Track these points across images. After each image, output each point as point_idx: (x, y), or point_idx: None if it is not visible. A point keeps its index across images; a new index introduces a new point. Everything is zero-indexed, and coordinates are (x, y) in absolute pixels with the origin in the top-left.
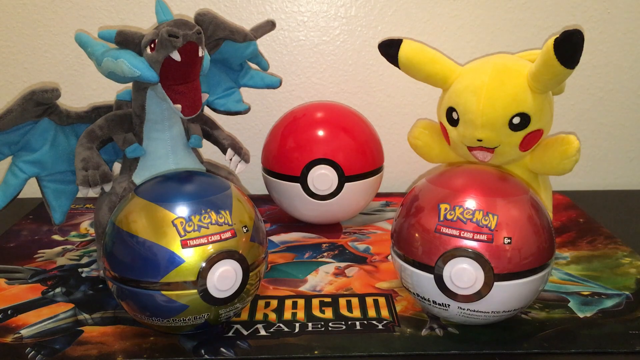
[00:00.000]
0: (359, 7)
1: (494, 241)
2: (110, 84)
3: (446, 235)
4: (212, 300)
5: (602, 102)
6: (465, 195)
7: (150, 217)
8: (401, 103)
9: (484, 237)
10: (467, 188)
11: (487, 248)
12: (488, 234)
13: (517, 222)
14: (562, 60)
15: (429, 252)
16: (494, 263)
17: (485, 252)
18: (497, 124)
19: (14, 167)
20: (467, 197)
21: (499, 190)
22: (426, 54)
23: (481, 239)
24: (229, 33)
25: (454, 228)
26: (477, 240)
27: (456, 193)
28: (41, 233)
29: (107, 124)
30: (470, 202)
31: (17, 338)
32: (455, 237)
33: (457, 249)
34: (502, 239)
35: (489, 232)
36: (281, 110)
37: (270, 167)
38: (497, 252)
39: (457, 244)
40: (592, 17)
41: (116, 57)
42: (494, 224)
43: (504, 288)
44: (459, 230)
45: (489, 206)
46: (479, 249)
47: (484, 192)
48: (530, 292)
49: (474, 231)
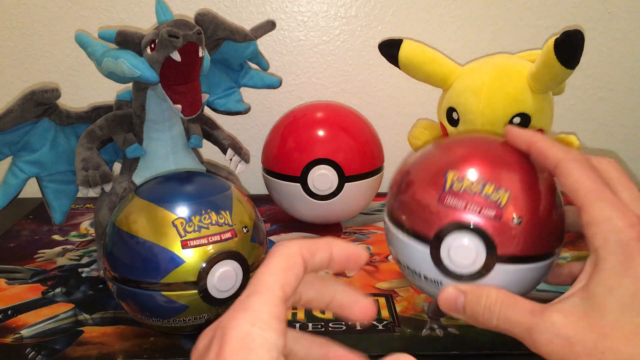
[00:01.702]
0: (359, 7)
1: (502, 218)
2: (110, 84)
3: (450, 207)
4: (212, 300)
5: (602, 102)
6: (476, 165)
7: (150, 217)
8: (401, 103)
9: (492, 213)
10: (478, 158)
11: (493, 225)
12: (497, 210)
13: (530, 201)
14: (562, 61)
15: (428, 223)
16: (499, 243)
17: (491, 230)
18: (497, 124)
19: (14, 167)
20: (478, 167)
21: (514, 165)
22: (426, 54)
23: (488, 215)
24: (229, 33)
25: (460, 199)
26: (483, 217)
27: (466, 162)
28: (41, 233)
29: (107, 124)
30: (480, 173)
31: (17, 338)
32: (460, 209)
33: (459, 223)
34: (511, 217)
35: (497, 208)
36: (281, 110)
37: (270, 167)
38: (504, 231)
39: (460, 217)
40: (592, 17)
41: (116, 57)
42: (505, 200)
43: (506, 272)
44: (465, 202)
45: (502, 180)
46: (484, 225)
47: (497, 164)
48: (532, 280)
49: (482, 206)
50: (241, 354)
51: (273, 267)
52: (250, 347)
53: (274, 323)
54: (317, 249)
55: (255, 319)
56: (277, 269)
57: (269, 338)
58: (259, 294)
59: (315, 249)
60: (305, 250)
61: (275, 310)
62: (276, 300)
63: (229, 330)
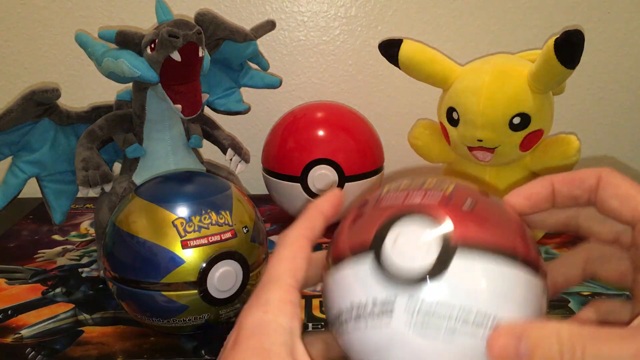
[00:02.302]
0: (359, 7)
1: (451, 201)
2: (110, 84)
3: (387, 206)
4: (212, 300)
5: (602, 102)
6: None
7: (150, 217)
8: (401, 103)
9: (438, 197)
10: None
11: (441, 207)
12: (443, 196)
13: (483, 199)
14: (562, 61)
15: (366, 231)
16: (455, 224)
17: (440, 212)
18: (497, 124)
19: (14, 167)
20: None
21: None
22: (426, 54)
23: (434, 198)
24: (229, 33)
25: (399, 194)
26: (428, 201)
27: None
28: (41, 233)
29: (107, 124)
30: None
31: (17, 338)
32: (399, 202)
33: (401, 212)
34: (462, 201)
35: (443, 194)
36: (281, 110)
37: (270, 167)
38: (456, 214)
39: (401, 206)
40: (592, 17)
41: (116, 57)
42: (451, 189)
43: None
44: (405, 194)
45: (445, 180)
46: (431, 207)
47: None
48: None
49: (425, 193)
50: (256, 339)
51: (281, 257)
52: (264, 332)
53: (287, 308)
54: (313, 221)
55: (268, 305)
56: (285, 257)
57: (282, 323)
58: (270, 283)
59: (312, 222)
60: (305, 229)
61: (286, 296)
62: (288, 287)
63: (244, 319)
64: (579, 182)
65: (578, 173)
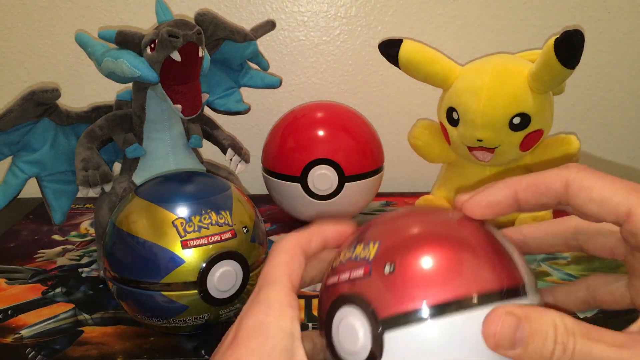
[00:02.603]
0: (359, 7)
1: (371, 274)
2: (110, 84)
3: (329, 289)
4: (212, 300)
5: (602, 102)
6: (357, 233)
7: (150, 217)
8: (401, 103)
9: (360, 272)
10: (369, 228)
11: (364, 285)
12: (365, 267)
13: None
14: (562, 61)
15: (320, 315)
16: (376, 303)
17: (364, 291)
18: (497, 124)
19: (14, 167)
20: (357, 234)
21: (405, 217)
22: (426, 54)
23: (357, 277)
24: (229, 33)
25: (334, 275)
26: (352, 281)
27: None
28: (41, 233)
29: (107, 124)
30: (355, 238)
31: (17, 338)
32: (335, 286)
33: (333, 302)
34: (382, 268)
35: (365, 264)
36: (281, 110)
37: (270, 167)
38: (377, 288)
39: (335, 294)
40: (592, 17)
41: (116, 57)
42: (373, 253)
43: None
44: (338, 276)
45: (372, 235)
46: (356, 289)
47: (379, 222)
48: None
49: (350, 270)
50: (256, 340)
51: (277, 261)
52: (265, 334)
53: (287, 311)
54: (311, 236)
55: (269, 308)
56: (281, 262)
57: (283, 326)
58: (269, 286)
59: (310, 237)
60: (302, 240)
61: (286, 299)
62: (286, 290)
63: (245, 320)
64: (545, 190)
65: (542, 179)
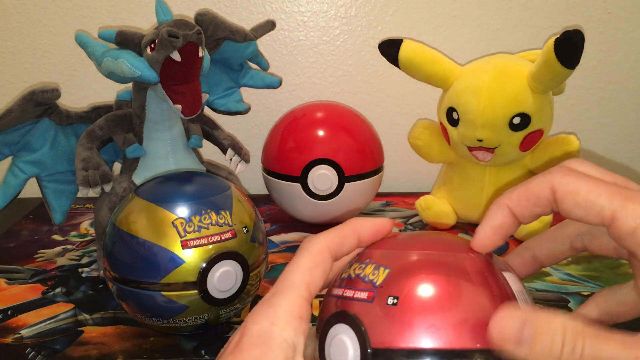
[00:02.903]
0: (359, 7)
1: (374, 301)
2: (110, 84)
3: (334, 297)
4: (212, 300)
5: (602, 102)
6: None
7: (150, 217)
8: (401, 103)
9: (364, 295)
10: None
11: (364, 310)
12: (369, 291)
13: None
14: (562, 61)
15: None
16: (371, 331)
17: (362, 316)
18: (497, 124)
19: (14, 167)
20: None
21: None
22: (426, 54)
23: (360, 298)
24: (229, 33)
25: (340, 287)
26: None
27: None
28: (41, 233)
29: (107, 124)
30: (366, 255)
31: (17, 338)
32: (339, 298)
33: (333, 315)
34: (385, 298)
35: (372, 288)
36: (281, 110)
37: (270, 167)
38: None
39: (335, 308)
40: (592, 17)
41: (116, 57)
42: (382, 279)
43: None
44: (342, 289)
45: (384, 258)
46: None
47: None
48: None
49: (355, 289)
50: (258, 349)
51: (300, 265)
52: (268, 344)
53: (294, 322)
54: (344, 238)
55: (276, 317)
56: (304, 268)
57: (287, 337)
58: (284, 293)
59: (342, 238)
60: (333, 243)
61: (297, 309)
62: (300, 300)
63: (250, 325)
64: (536, 200)
65: (530, 189)
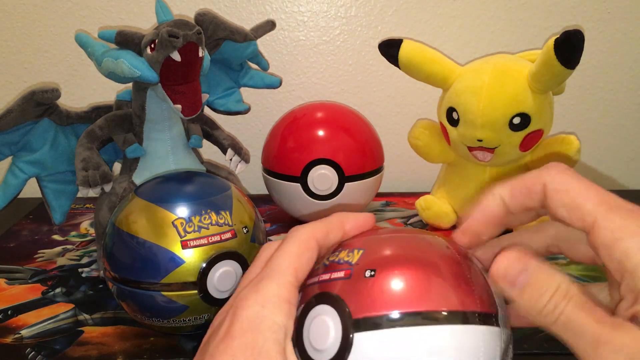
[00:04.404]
0: (359, 7)
1: (352, 277)
2: (110, 84)
3: (310, 285)
4: (212, 300)
5: (602, 102)
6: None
7: (150, 217)
8: (401, 103)
9: (342, 274)
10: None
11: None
12: (346, 270)
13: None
14: (562, 61)
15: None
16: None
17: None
18: (497, 124)
19: (14, 167)
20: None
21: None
22: (426, 54)
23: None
24: (229, 33)
25: (316, 276)
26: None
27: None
28: (41, 233)
29: (107, 124)
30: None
31: (17, 338)
32: (316, 283)
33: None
34: (362, 272)
35: (348, 267)
36: (281, 110)
37: (270, 167)
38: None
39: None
40: (592, 17)
41: (116, 57)
42: (357, 258)
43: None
44: (319, 276)
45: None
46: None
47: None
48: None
49: (332, 271)
50: (249, 334)
51: (287, 252)
52: (259, 328)
53: (284, 306)
54: (330, 228)
55: (266, 301)
56: (291, 254)
57: (277, 320)
58: (272, 277)
59: (329, 229)
60: (319, 232)
61: (286, 293)
62: (288, 285)
63: (240, 310)
64: (528, 193)
65: (524, 182)
